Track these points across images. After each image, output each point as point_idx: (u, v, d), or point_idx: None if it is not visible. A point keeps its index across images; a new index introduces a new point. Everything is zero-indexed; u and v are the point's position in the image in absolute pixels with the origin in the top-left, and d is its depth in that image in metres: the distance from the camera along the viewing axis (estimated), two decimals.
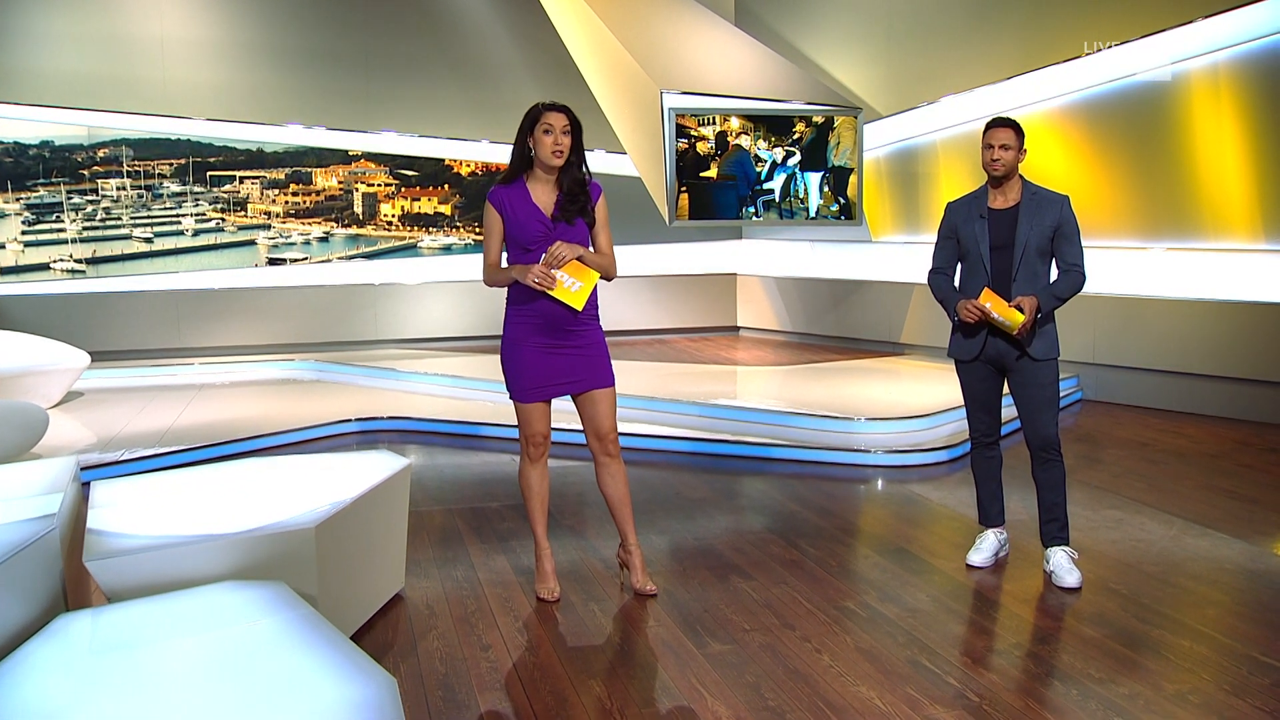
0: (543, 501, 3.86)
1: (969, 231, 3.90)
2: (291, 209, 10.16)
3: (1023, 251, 3.79)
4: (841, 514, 4.86)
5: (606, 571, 4.09)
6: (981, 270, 3.88)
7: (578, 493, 5.27)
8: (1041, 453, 3.89)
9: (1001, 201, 3.89)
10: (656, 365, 8.77)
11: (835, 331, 9.94)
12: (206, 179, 9.88)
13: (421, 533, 4.66)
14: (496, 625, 3.59)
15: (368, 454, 4.01)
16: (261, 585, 2.77)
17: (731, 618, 3.59)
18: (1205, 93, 6.83)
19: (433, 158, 10.33)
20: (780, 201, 8.68)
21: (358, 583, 3.52)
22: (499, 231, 3.67)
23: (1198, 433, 6.45)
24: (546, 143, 3.57)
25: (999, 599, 3.77)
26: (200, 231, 9.96)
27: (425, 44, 10.16)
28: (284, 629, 2.51)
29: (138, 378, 8.72)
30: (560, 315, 3.62)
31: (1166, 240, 7.15)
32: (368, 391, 8.02)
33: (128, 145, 9.62)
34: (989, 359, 3.92)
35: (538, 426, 3.76)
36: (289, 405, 7.44)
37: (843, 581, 3.95)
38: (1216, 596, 3.75)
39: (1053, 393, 3.85)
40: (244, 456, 5.99)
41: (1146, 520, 4.64)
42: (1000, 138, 3.82)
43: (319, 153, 10.13)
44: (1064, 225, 3.81)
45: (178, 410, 7.26)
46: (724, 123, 8.49)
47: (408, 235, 10.46)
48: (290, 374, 8.92)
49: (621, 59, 8.65)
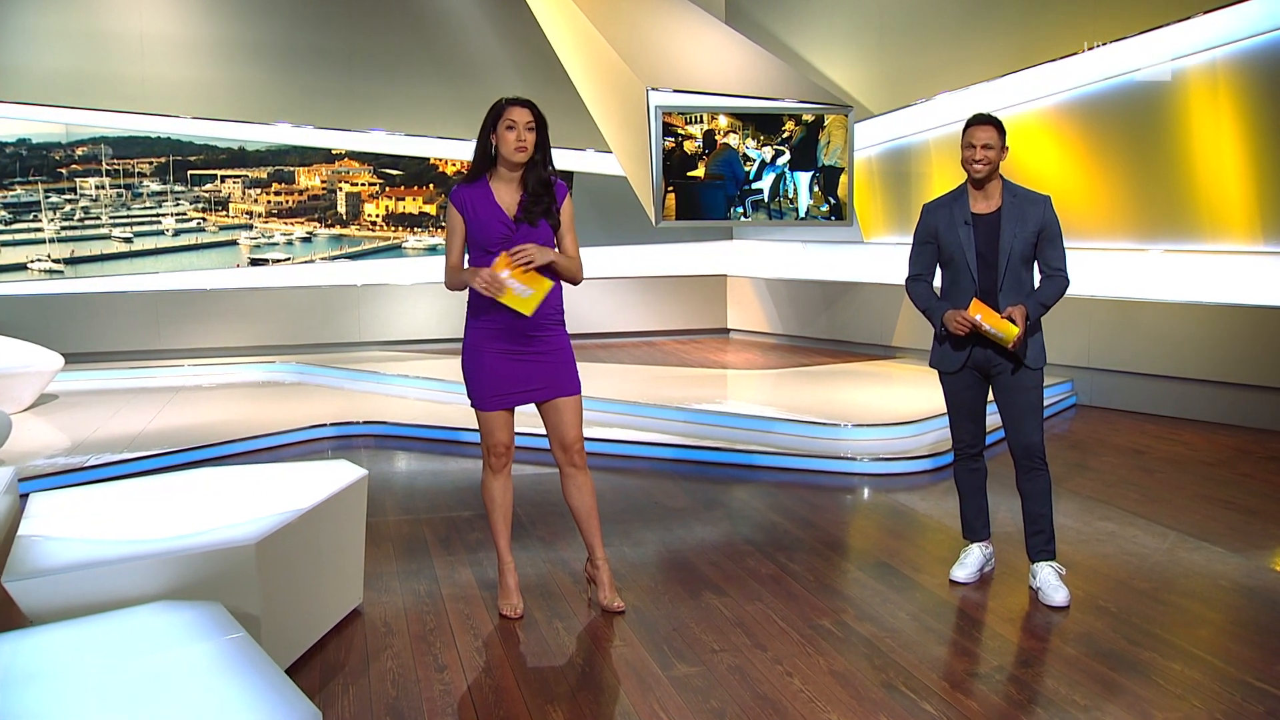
0: (506, 514, 3.73)
1: (953, 238, 3.72)
2: (274, 208, 10.03)
3: (1007, 260, 3.63)
4: (823, 525, 4.72)
5: (575, 586, 3.95)
6: (968, 279, 3.71)
7: (553, 501, 5.11)
8: (1026, 461, 3.74)
9: (984, 205, 3.71)
10: (642, 369, 8.65)
11: (826, 334, 9.86)
12: (187, 178, 9.74)
13: (386, 543, 4.53)
14: (455, 644, 3.45)
15: (326, 464, 3.86)
16: (195, 607, 2.62)
17: (701, 637, 3.45)
18: (1203, 90, 6.71)
19: (417, 156, 10.20)
20: (769, 202, 8.57)
21: (308, 600, 3.36)
22: (461, 232, 3.55)
23: (1195, 440, 6.32)
24: (509, 139, 3.45)
25: (982, 618, 3.61)
26: (181, 231, 9.82)
27: (410, 41, 10.04)
28: (211, 656, 2.36)
29: (114, 380, 8.58)
30: (524, 321, 3.49)
31: (1163, 241, 7.05)
32: (349, 395, 7.91)
33: (107, 143, 9.48)
34: (975, 365, 3.78)
35: (500, 436, 3.63)
36: (266, 409, 7.32)
37: (820, 598, 3.79)
38: (1211, 616, 3.60)
39: (1037, 398, 3.72)
40: (209, 463, 5.91)
41: (1139, 533, 4.50)
42: (982, 137, 3.64)
43: (302, 151, 10.01)
44: (1047, 228, 3.65)
45: (151, 414, 7.11)
46: (712, 121, 8.39)
47: (392, 235, 10.34)
48: (271, 376, 8.80)
49: (607, 56, 8.55)
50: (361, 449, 6.40)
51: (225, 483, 3.62)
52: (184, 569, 2.88)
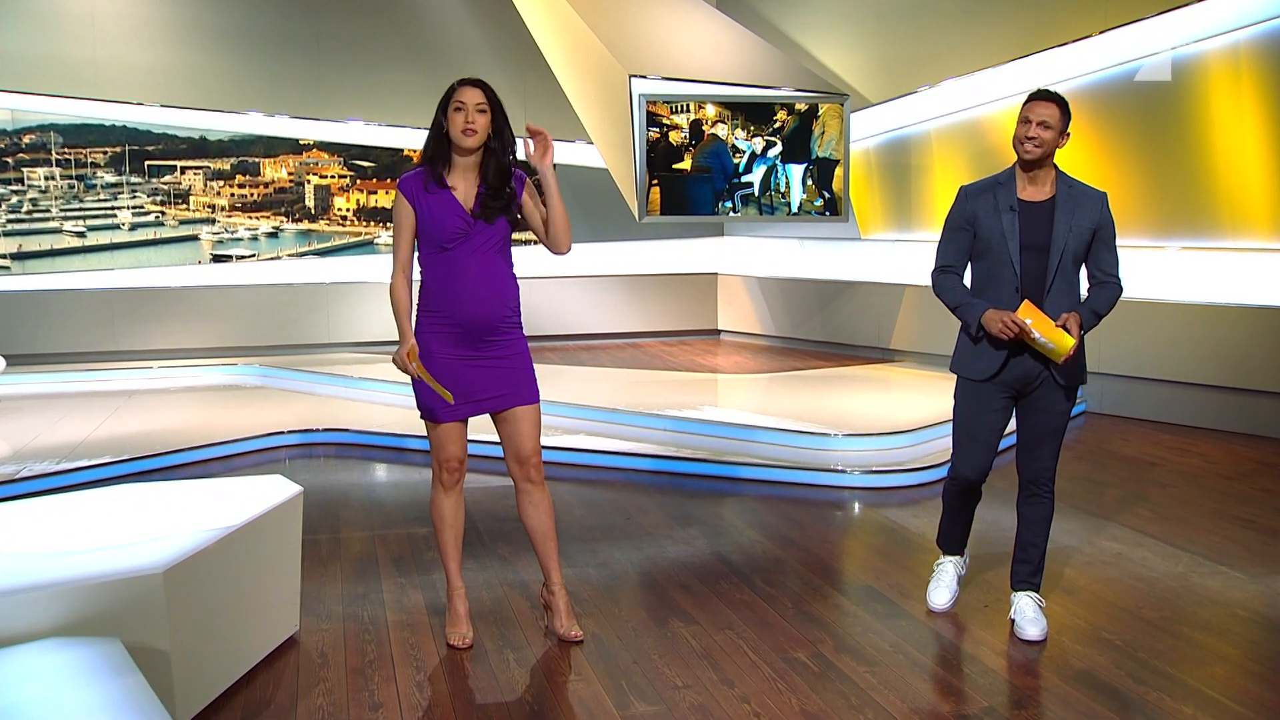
0: (457, 534, 3.59)
1: (993, 225, 3.37)
2: (238, 202, 9.90)
3: (1060, 256, 3.34)
4: (806, 544, 4.56)
5: (532, 612, 3.80)
6: (1009, 273, 3.36)
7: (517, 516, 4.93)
8: (1032, 485, 3.52)
9: (1034, 192, 3.40)
10: (624, 372, 8.54)
11: (822, 336, 9.79)
12: (144, 169, 9.60)
13: (334, 563, 4.38)
14: (395, 678, 3.29)
15: (258, 479, 3.70)
16: (89, 644, 2.47)
17: (664, 671, 3.29)
18: (1225, 75, 6.59)
19: (390, 147, 10.08)
20: (760, 196, 8.51)
21: (229, 632, 3.19)
22: (411, 226, 3.41)
23: (1212, 451, 6.20)
24: (457, 121, 3.33)
25: (973, 650, 3.45)
26: (138, 226, 9.67)
27: (380, 25, 9.91)
28: (93, 704, 2.19)
29: (63, 384, 8.43)
30: (479, 324, 3.37)
31: (1180, 238, 6.96)
32: (316, 400, 7.79)
33: (56, 131, 9.31)
34: (1009, 381, 3.42)
35: (452, 450, 3.49)
36: (224, 415, 7.19)
37: (797, 627, 3.63)
38: (1226, 651, 3.44)
39: (1062, 424, 3.46)
40: (152, 475, 5.75)
41: (1149, 554, 4.35)
42: (1041, 113, 3.34)
43: (268, 141, 9.88)
44: (1103, 228, 3.38)
45: (99, 420, 6.96)
46: (699, 110, 8.32)
47: (363, 231, 10.21)
48: (233, 380, 8.69)
49: (587, 40, 8.46)
50: (322, 458, 6.28)
51: (143, 501, 3.45)
52: (83, 601, 2.71)
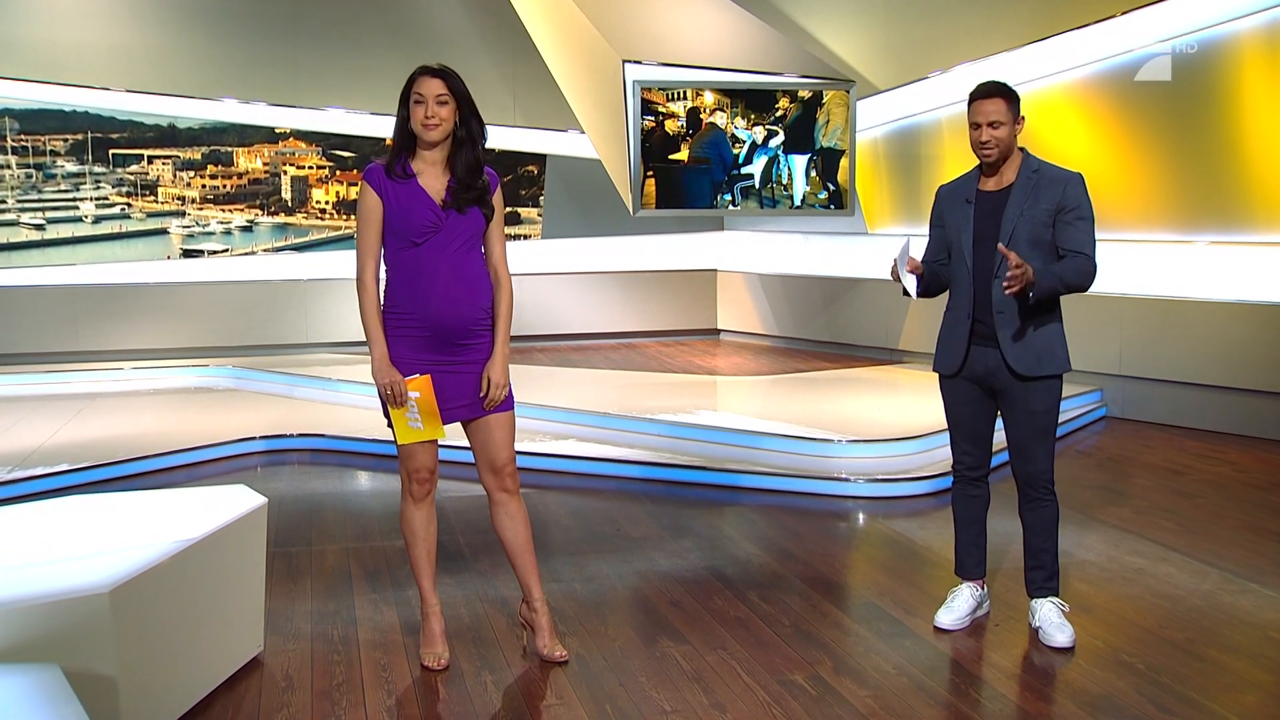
0: (430, 548, 3.57)
1: (954, 220, 3.64)
2: (209, 194, 9.87)
3: (1009, 240, 3.45)
4: (806, 558, 4.54)
5: (511, 631, 3.76)
6: (962, 265, 3.58)
7: None
8: (1029, 489, 3.62)
9: (993, 183, 3.58)
10: (618, 374, 8.53)
11: (826, 336, 9.79)
12: (109, 158, 9.57)
13: (304, 578, 4.35)
14: (363, 703, 3.25)
15: (219, 489, 3.68)
16: (23, 671, 2.41)
17: (651, 694, 3.25)
18: (1259, 56, 6.56)
19: (371, 136, 10.03)
20: (761, 188, 8.50)
21: (184, 655, 3.14)
22: (378, 220, 3.39)
23: (1243, 459, 6.18)
24: (418, 114, 3.35)
25: (981, 673, 3.41)
26: (102, 218, 9.65)
27: (361, 6, 9.85)
28: None
29: (20, 386, 8.40)
30: (450, 326, 3.37)
31: (1210, 232, 6.95)
32: (290, 403, 7.78)
33: (12, 116, 9.27)
34: (974, 377, 3.62)
35: (422, 460, 3.48)
36: (192, 419, 7.17)
37: (794, 647, 3.59)
38: (1258, 676, 3.40)
39: (1049, 421, 3.57)
40: (111, 485, 5.70)
41: (1174, 570, 4.32)
42: (989, 111, 3.44)
43: (241, 130, 9.85)
44: (1067, 207, 3.44)
45: (56, 425, 6.92)
46: (696, 98, 8.31)
47: (343, 224, 10.18)
48: (204, 382, 8.68)
49: (578, 24, 8.43)
50: (296, 465, 6.28)
51: (94, 513, 3.41)
52: (19, 624, 2.68)
